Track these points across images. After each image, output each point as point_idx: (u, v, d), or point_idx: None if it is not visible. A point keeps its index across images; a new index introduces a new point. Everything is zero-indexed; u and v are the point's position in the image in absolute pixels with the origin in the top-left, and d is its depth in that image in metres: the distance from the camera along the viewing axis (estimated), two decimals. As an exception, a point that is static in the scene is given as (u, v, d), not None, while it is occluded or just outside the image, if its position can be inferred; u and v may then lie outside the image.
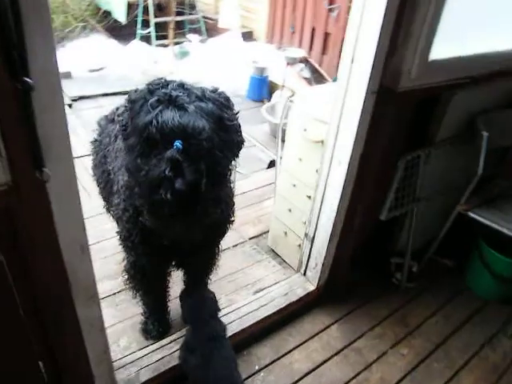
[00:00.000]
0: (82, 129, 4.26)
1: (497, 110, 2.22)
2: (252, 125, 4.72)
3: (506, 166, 2.51)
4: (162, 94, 1.22)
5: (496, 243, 2.24)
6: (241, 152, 1.39)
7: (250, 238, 2.68)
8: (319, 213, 2.03)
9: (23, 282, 1.10)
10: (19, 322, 1.16)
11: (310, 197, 2.13)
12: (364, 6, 1.52)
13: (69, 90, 5.30)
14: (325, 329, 2.12)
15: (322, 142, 1.97)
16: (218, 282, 2.27)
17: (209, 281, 2.01)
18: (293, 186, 2.29)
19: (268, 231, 2.66)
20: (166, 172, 1.13)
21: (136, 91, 1.28)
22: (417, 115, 2.00)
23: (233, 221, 1.70)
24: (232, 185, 1.65)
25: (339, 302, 2.25)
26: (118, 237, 1.62)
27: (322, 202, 2.01)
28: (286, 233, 2.44)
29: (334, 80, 4.19)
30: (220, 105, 1.31)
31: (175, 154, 1.13)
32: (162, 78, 1.30)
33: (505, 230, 2.05)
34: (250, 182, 3.35)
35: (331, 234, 1.98)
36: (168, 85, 1.26)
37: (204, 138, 1.18)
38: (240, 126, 1.37)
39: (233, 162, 1.40)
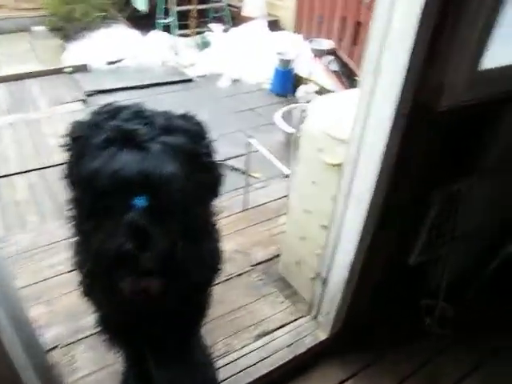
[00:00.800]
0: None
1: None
2: (266, 129, 4.33)
3: None
4: (112, 127, 0.89)
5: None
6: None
7: (259, 263, 2.36)
8: (334, 251, 1.68)
9: None
10: None
11: (325, 226, 1.78)
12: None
13: (85, 84, 5.08)
14: (337, 386, 1.78)
15: (340, 165, 1.61)
16: (216, 322, 1.96)
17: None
18: (306, 211, 1.95)
19: (280, 254, 2.33)
20: (127, 245, 0.82)
21: (78, 123, 0.96)
22: (456, 136, 1.60)
23: (220, 269, 1.38)
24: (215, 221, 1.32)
25: (355, 351, 1.90)
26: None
27: (337, 238, 1.66)
28: (298, 263, 2.10)
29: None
30: (193, 136, 0.98)
31: (137, 218, 0.82)
32: (110, 104, 0.97)
33: None
34: (264, 193, 3.02)
35: (347, 280, 1.63)
36: (119, 113, 0.93)
37: (176, 188, 0.86)
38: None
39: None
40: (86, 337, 1.90)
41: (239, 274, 2.23)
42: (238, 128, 4.26)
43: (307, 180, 1.86)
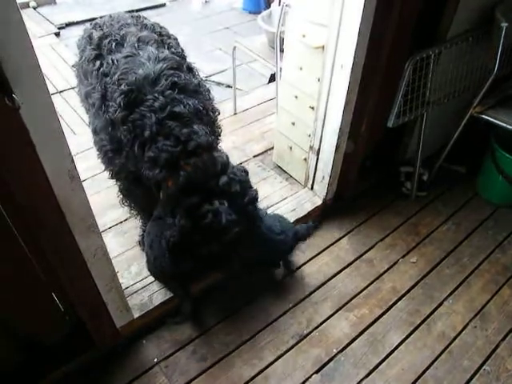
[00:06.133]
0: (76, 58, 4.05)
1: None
2: (248, 38, 4.44)
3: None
4: None
5: (510, 146, 2.12)
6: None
7: (255, 156, 2.60)
8: (323, 123, 1.92)
9: (14, 211, 1.06)
10: (20, 251, 1.14)
11: (313, 108, 2.02)
12: None
13: (54, 17, 4.98)
14: (335, 242, 2.10)
15: (323, 47, 1.82)
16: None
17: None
18: (295, 97, 2.16)
19: (272, 147, 2.57)
20: None
21: None
22: (425, 8, 1.80)
23: None
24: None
25: (349, 214, 2.22)
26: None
27: (325, 112, 1.90)
28: (290, 147, 2.35)
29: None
30: None
31: None
32: None
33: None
34: (250, 98, 3.20)
35: (337, 145, 1.89)
36: None
37: None
38: None
39: None
40: (112, 227, 2.15)
41: (239, 164, 2.48)
42: (217, 46, 4.35)
43: (294, 67, 2.06)
